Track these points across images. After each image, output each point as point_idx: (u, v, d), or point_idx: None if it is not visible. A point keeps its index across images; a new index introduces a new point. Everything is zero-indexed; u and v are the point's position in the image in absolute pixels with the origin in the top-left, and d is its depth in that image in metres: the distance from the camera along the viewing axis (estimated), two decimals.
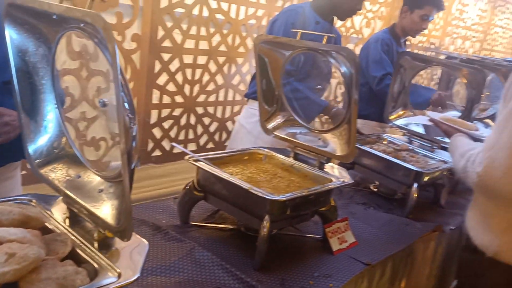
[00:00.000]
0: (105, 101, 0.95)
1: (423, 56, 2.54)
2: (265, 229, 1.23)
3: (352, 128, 1.47)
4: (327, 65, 1.84)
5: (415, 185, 1.79)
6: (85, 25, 0.83)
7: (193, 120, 2.81)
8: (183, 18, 2.50)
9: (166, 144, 2.70)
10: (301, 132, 1.70)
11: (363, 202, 1.91)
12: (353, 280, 1.32)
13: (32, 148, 1.02)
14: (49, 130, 1.03)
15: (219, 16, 2.69)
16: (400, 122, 2.39)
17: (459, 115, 2.29)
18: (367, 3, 3.61)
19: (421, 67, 2.34)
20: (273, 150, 1.69)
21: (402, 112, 2.43)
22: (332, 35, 1.56)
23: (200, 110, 2.82)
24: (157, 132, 2.64)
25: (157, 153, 2.68)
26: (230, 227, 1.49)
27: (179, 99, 2.67)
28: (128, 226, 0.83)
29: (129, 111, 0.79)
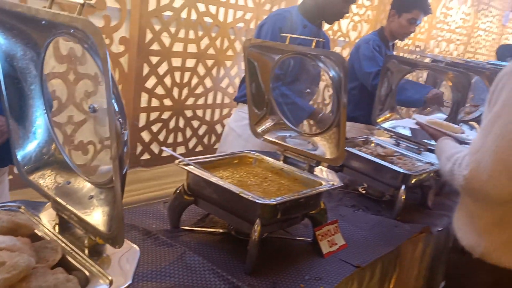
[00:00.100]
0: (95, 106, 0.94)
1: (409, 59, 2.58)
2: (256, 233, 1.24)
3: (341, 131, 1.49)
4: (316, 69, 1.86)
5: (403, 187, 1.81)
6: (75, 31, 0.82)
7: (182, 123, 2.80)
8: (171, 21, 2.49)
9: (155, 147, 2.68)
10: (290, 135, 1.71)
11: (352, 204, 1.93)
12: (343, 282, 1.33)
13: (20, 154, 1.00)
14: (38, 136, 1.02)
15: (208, 19, 2.69)
16: (387, 124, 2.42)
17: (445, 117, 2.33)
18: (353, 6, 3.65)
19: (407, 70, 2.38)
20: (263, 153, 1.69)
21: (389, 114, 2.46)
22: (320, 40, 1.58)
23: (189, 113, 2.82)
24: (145, 135, 2.63)
25: (146, 156, 2.66)
26: (220, 231, 1.49)
27: (167, 102, 2.66)
28: (119, 232, 0.83)
29: (120, 116, 0.79)
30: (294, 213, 1.39)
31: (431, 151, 2.11)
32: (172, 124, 2.74)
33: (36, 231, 0.94)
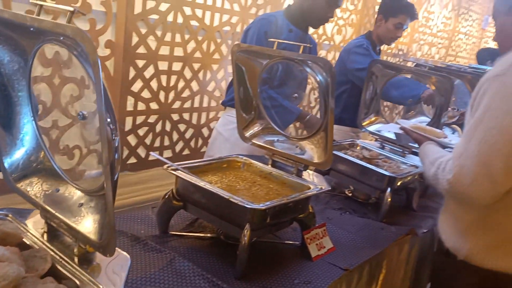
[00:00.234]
0: (85, 113, 0.94)
1: (394, 64, 2.63)
2: (246, 238, 1.24)
3: (328, 135, 1.51)
4: (303, 73, 1.88)
5: (389, 189, 1.84)
6: (65, 38, 0.82)
7: (168, 126, 2.79)
8: (157, 24, 2.48)
9: (141, 151, 2.66)
10: (278, 139, 1.72)
11: (339, 207, 1.95)
12: (332, 285, 1.35)
13: (7, 161, 0.99)
14: (25, 143, 1.01)
15: (194, 22, 2.68)
16: (372, 128, 2.45)
17: (429, 121, 2.38)
18: (338, 10, 3.69)
19: (392, 74, 2.42)
20: (251, 157, 1.70)
21: (374, 118, 2.50)
22: (308, 45, 1.59)
23: (175, 116, 2.81)
24: (132, 139, 2.60)
25: (132, 160, 2.64)
26: (209, 235, 1.49)
27: (154, 106, 2.65)
28: (111, 240, 0.82)
29: (111, 123, 0.79)
30: (283, 217, 1.40)
31: (416, 154, 2.15)
32: (158, 127, 2.72)
33: (24, 240, 0.93)
